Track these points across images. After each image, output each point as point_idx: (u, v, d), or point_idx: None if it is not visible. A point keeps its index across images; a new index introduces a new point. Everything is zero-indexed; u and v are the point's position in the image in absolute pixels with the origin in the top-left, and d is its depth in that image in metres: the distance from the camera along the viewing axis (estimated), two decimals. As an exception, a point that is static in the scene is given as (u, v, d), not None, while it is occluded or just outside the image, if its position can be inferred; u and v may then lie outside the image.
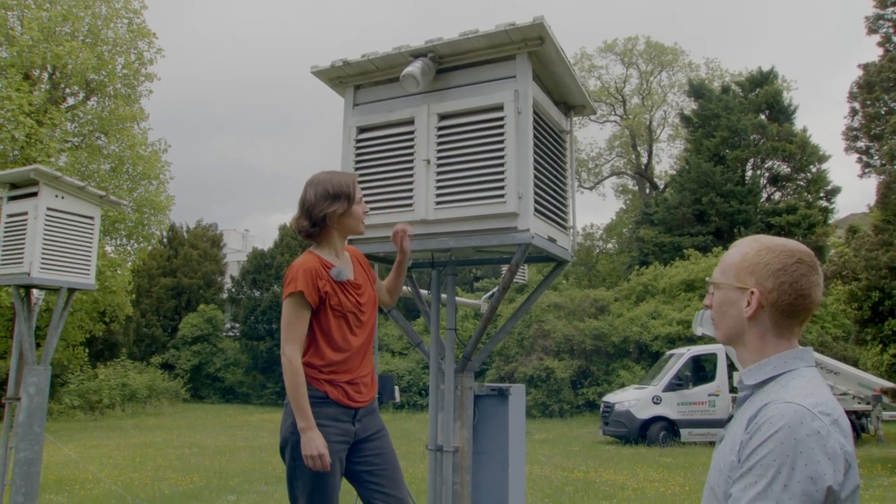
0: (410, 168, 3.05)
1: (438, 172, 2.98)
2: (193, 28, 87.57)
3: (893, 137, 12.66)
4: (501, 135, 2.87)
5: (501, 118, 2.88)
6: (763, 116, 27.84)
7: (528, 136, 2.85)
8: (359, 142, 3.23)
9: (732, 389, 14.25)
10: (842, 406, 1.34)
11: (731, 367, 14.47)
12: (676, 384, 14.60)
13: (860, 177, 27.18)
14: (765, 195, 27.98)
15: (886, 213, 12.07)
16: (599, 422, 15.86)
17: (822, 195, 26.99)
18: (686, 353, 15.18)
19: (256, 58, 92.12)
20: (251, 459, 11.29)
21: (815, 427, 1.19)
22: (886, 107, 14.61)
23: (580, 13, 58.66)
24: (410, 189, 3.03)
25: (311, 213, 2.73)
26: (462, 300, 7.53)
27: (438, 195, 2.96)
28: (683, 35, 60.96)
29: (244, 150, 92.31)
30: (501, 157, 2.86)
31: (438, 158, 2.99)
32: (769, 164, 27.82)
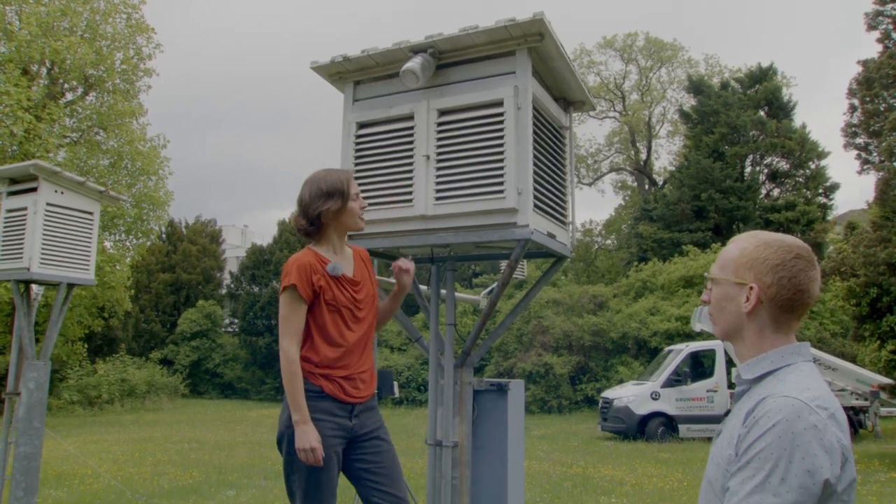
0: (410, 164, 3.05)
1: (438, 168, 2.98)
2: (192, 23, 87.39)
3: (892, 134, 12.65)
4: (501, 130, 2.87)
5: (501, 114, 2.88)
6: (762, 113, 27.83)
7: (528, 132, 2.85)
8: (358, 137, 3.23)
9: (731, 385, 14.27)
10: (840, 402, 1.35)
11: (730, 364, 14.49)
12: (675, 380, 14.63)
13: (859, 173, 27.27)
14: (764, 191, 27.99)
15: (885, 210, 12.07)
16: (598, 418, 15.90)
17: (821, 192, 27.01)
18: (684, 350, 15.21)
19: (255, 53, 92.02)
20: (250, 454, 11.31)
21: (813, 421, 1.20)
22: (885, 103, 14.59)
23: (579, 9, 58.60)
24: (410, 185, 3.03)
25: (307, 212, 2.75)
26: (461, 296, 7.53)
27: (438, 191, 2.96)
28: (683, 31, 60.96)
29: (243, 146, 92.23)
30: (501, 153, 2.86)
31: (438, 154, 3.00)
32: (768, 161, 27.82)
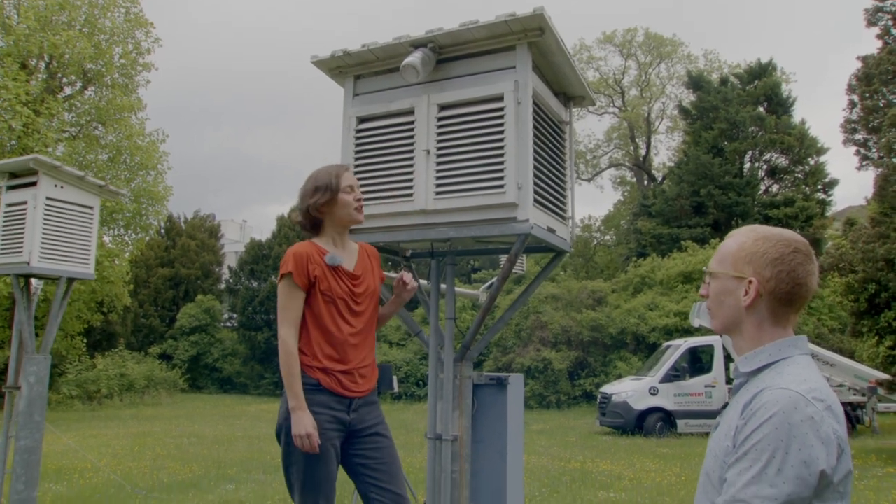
0: (410, 158, 3.05)
1: (438, 162, 2.99)
2: (190, 17, 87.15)
3: (891, 130, 12.66)
4: (501, 125, 2.87)
5: (501, 108, 2.88)
6: (761, 108, 27.83)
7: (528, 127, 2.86)
8: (359, 132, 3.23)
9: (729, 381, 14.31)
10: (837, 398, 1.36)
11: (728, 359, 14.53)
12: (673, 375, 14.66)
13: (858, 169, 27.23)
14: (763, 187, 28.00)
15: (884, 206, 12.08)
16: (596, 413, 15.93)
17: (820, 187, 27.03)
18: (683, 345, 15.24)
19: (254, 47, 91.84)
20: (249, 449, 11.34)
21: (809, 412, 1.21)
22: (885, 99, 14.60)
23: (579, 4, 58.47)
24: (410, 179, 3.03)
25: (301, 207, 2.84)
26: (461, 290, 7.52)
27: (438, 185, 2.97)
28: (682, 27, 60.86)
29: (242, 140, 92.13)
30: (501, 148, 2.86)
31: (438, 148, 3.00)
32: (767, 157, 27.83)
